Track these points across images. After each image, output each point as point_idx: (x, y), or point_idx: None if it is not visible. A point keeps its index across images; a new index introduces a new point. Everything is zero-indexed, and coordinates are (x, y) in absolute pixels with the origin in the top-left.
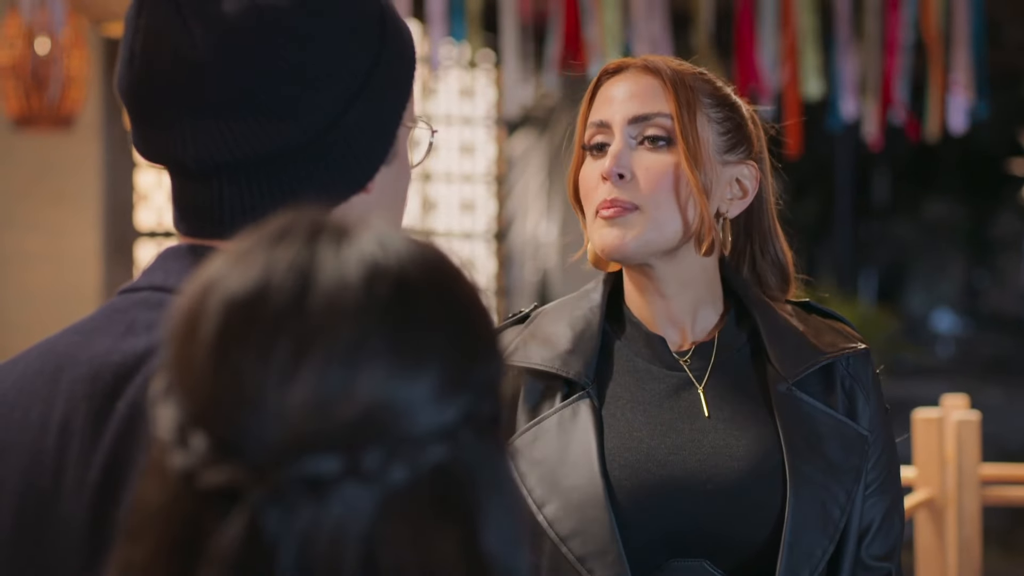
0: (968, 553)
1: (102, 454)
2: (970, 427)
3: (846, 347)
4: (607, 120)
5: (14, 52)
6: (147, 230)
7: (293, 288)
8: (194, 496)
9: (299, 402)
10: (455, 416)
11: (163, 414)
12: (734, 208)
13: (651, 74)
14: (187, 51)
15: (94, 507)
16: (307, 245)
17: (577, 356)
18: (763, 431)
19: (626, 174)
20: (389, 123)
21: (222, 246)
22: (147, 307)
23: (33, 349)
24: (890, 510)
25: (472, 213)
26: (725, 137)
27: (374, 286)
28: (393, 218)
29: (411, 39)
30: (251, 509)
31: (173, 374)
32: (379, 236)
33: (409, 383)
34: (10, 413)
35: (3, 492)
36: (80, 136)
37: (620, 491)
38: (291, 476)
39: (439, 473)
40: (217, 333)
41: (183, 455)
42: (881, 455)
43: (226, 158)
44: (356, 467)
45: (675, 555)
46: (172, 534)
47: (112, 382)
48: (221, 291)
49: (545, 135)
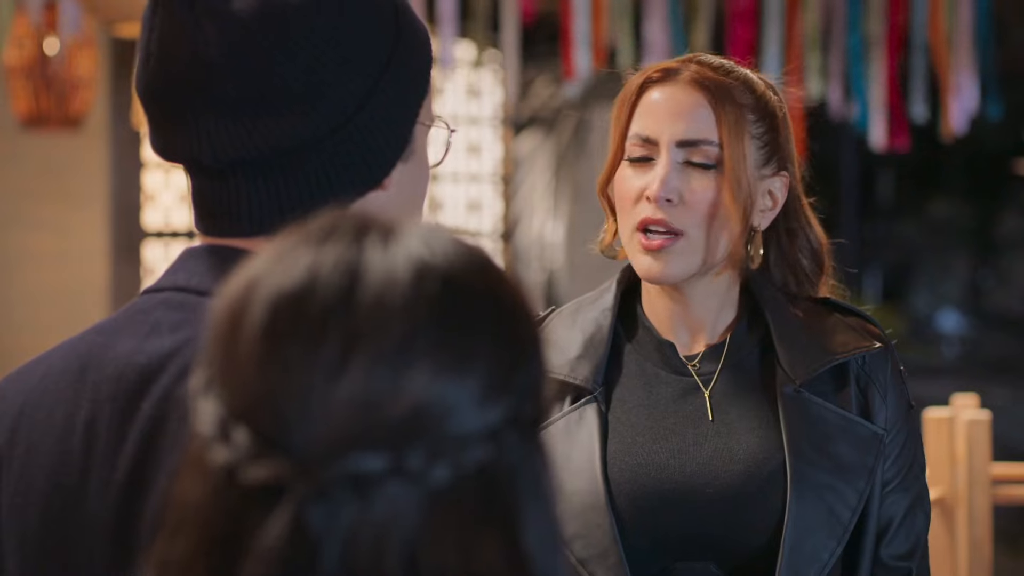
0: (978, 552)
1: (128, 454)
2: (980, 427)
3: (859, 347)
4: (654, 137)
5: (23, 52)
6: (154, 230)
7: (341, 284)
8: (236, 491)
9: (346, 399)
10: (499, 417)
11: (203, 409)
12: (765, 220)
13: (699, 90)
14: (201, 49)
15: (120, 507)
16: (354, 242)
17: (586, 361)
18: (766, 434)
19: (674, 199)
20: (405, 119)
21: (243, 245)
22: (170, 307)
23: (55, 350)
24: (911, 508)
25: (478, 213)
26: (763, 151)
27: (423, 284)
28: (411, 216)
29: (427, 36)
30: (296, 505)
31: (215, 369)
32: (425, 236)
33: (456, 383)
34: (34, 413)
35: (29, 492)
36: (88, 136)
37: (620, 496)
38: (336, 473)
39: (482, 474)
40: (263, 328)
41: (225, 450)
42: (901, 452)
43: (242, 155)
44: (401, 466)
45: (676, 558)
46: (212, 529)
47: (137, 382)
48: (267, 287)
49: (552, 135)
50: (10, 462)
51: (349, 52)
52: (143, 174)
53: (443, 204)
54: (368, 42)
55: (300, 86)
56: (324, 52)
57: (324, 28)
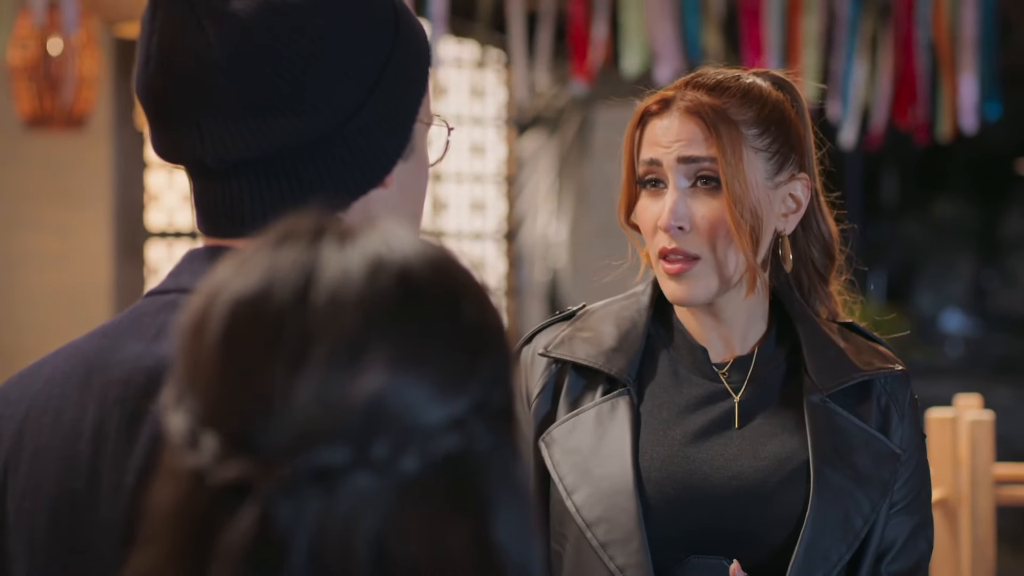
0: (981, 553)
1: (137, 458)
2: (984, 427)
3: (883, 367)
4: (658, 159)
5: (27, 53)
6: (158, 230)
7: (296, 285)
8: (205, 494)
9: (306, 396)
10: (464, 408)
11: (174, 420)
12: (790, 223)
13: (692, 118)
14: (201, 50)
15: (129, 510)
16: (311, 245)
17: (621, 354)
18: (791, 438)
19: (685, 226)
20: (405, 118)
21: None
22: (176, 310)
23: (59, 353)
24: (915, 531)
25: (482, 213)
26: (773, 161)
27: (377, 279)
28: (412, 214)
29: (424, 34)
30: (262, 502)
31: (183, 380)
32: (385, 235)
33: (413, 375)
34: (40, 417)
35: (37, 496)
36: (91, 137)
37: (648, 482)
38: (301, 468)
39: (450, 463)
40: (223, 334)
41: (194, 455)
42: (912, 476)
43: (244, 156)
44: (365, 457)
45: (696, 550)
46: (184, 534)
47: (146, 386)
48: (226, 294)
49: (556, 135)
50: (16, 467)
51: (349, 52)
52: (146, 174)
53: (447, 204)
54: (367, 41)
55: (300, 86)
56: (324, 52)
57: (324, 28)
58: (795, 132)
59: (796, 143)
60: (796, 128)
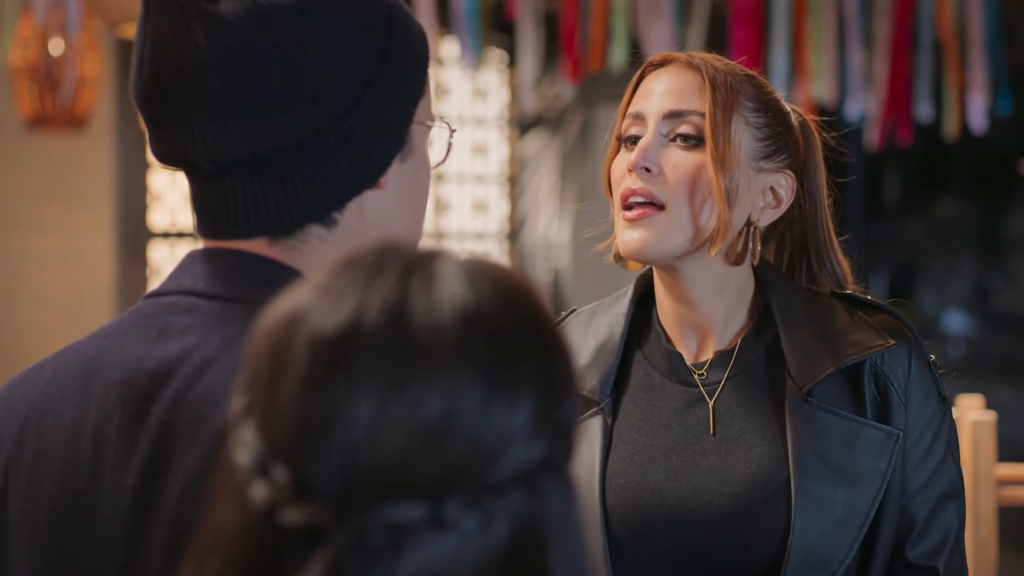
0: (984, 553)
1: (139, 459)
2: (986, 427)
3: (872, 346)
4: (643, 112)
5: (28, 53)
6: (160, 231)
7: (386, 330)
8: (273, 529)
9: (388, 445)
10: (535, 461)
11: (243, 439)
12: (765, 217)
13: (692, 70)
14: (192, 53)
15: (132, 511)
16: (398, 283)
17: (595, 371)
18: (769, 450)
19: (653, 168)
20: (400, 119)
21: (243, 247)
22: (177, 311)
23: (59, 355)
24: (936, 507)
25: (484, 213)
26: (763, 143)
27: (467, 337)
28: (413, 215)
29: (422, 35)
30: (335, 552)
31: (255, 399)
32: (466, 273)
33: (498, 430)
34: (42, 419)
35: (39, 497)
36: (93, 137)
37: (614, 517)
38: (375, 521)
39: (516, 521)
40: (307, 369)
41: (264, 488)
42: (927, 454)
43: (236, 157)
44: (438, 515)
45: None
46: (246, 561)
47: (147, 387)
48: (311, 326)
49: (558, 135)
50: (17, 468)
51: (340, 52)
52: (149, 175)
53: (449, 205)
54: (360, 42)
55: (291, 87)
56: (315, 52)
57: (314, 29)
58: (792, 137)
59: (793, 147)
60: (795, 135)
